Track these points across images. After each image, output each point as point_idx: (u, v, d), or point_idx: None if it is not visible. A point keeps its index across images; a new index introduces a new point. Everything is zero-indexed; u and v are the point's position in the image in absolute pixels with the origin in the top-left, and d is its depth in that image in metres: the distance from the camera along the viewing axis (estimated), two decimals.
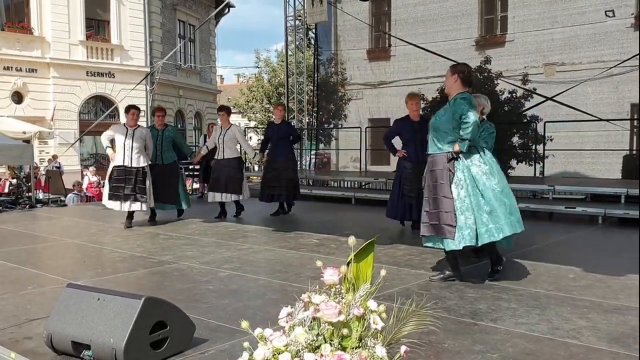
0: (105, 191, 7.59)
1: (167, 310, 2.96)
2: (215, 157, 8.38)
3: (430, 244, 4.50)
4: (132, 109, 7.59)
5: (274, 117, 9.05)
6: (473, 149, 4.36)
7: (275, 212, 8.61)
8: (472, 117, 4.22)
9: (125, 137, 7.34)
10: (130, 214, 7.59)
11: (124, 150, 7.33)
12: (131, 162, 7.33)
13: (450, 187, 4.28)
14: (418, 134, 6.42)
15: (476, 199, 4.25)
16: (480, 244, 4.27)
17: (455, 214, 4.23)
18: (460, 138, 4.28)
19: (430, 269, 4.92)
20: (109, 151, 7.57)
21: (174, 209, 8.24)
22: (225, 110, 8.53)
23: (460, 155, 4.31)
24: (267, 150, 8.67)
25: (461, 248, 4.27)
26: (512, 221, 4.28)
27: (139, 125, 7.57)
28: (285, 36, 16.05)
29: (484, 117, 5.16)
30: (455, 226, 4.21)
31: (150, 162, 7.64)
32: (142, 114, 11.62)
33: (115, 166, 7.38)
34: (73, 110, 21.16)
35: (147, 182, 7.46)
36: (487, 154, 4.45)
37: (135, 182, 7.32)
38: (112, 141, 7.59)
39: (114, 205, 7.42)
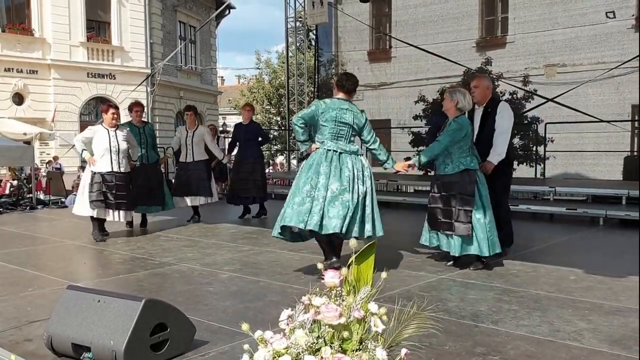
0: (85, 199, 6.68)
1: (168, 312, 2.96)
2: (182, 159, 8.08)
3: None
4: (112, 108, 6.91)
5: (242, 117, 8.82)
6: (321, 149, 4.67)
7: (257, 214, 8.60)
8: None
9: (110, 140, 6.67)
10: (102, 222, 6.87)
11: (111, 154, 6.65)
12: (119, 166, 6.72)
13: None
14: None
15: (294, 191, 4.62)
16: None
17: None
18: None
19: (430, 270, 4.91)
20: (87, 155, 6.68)
21: (160, 211, 7.78)
22: (193, 110, 8.20)
23: None
24: (234, 152, 8.57)
25: (276, 235, 4.68)
26: (311, 220, 4.39)
27: (117, 126, 6.85)
28: (286, 37, 16.05)
29: (462, 112, 4.95)
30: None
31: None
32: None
33: (100, 172, 6.62)
34: (74, 112, 21.20)
35: (131, 189, 6.97)
36: (313, 157, 4.67)
37: (127, 188, 6.81)
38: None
39: (102, 213, 6.71)
